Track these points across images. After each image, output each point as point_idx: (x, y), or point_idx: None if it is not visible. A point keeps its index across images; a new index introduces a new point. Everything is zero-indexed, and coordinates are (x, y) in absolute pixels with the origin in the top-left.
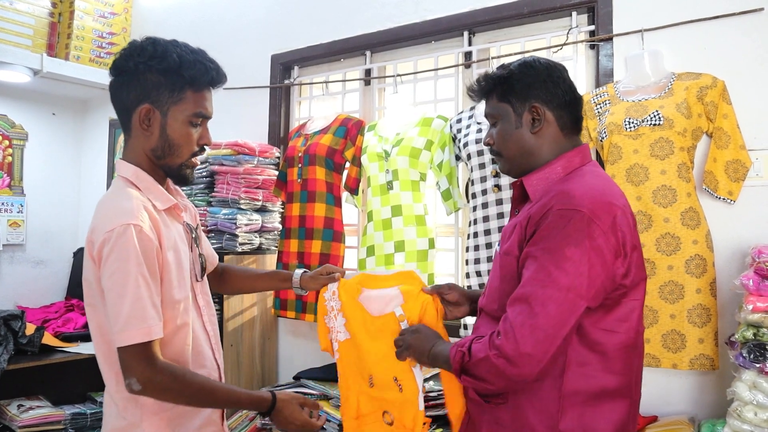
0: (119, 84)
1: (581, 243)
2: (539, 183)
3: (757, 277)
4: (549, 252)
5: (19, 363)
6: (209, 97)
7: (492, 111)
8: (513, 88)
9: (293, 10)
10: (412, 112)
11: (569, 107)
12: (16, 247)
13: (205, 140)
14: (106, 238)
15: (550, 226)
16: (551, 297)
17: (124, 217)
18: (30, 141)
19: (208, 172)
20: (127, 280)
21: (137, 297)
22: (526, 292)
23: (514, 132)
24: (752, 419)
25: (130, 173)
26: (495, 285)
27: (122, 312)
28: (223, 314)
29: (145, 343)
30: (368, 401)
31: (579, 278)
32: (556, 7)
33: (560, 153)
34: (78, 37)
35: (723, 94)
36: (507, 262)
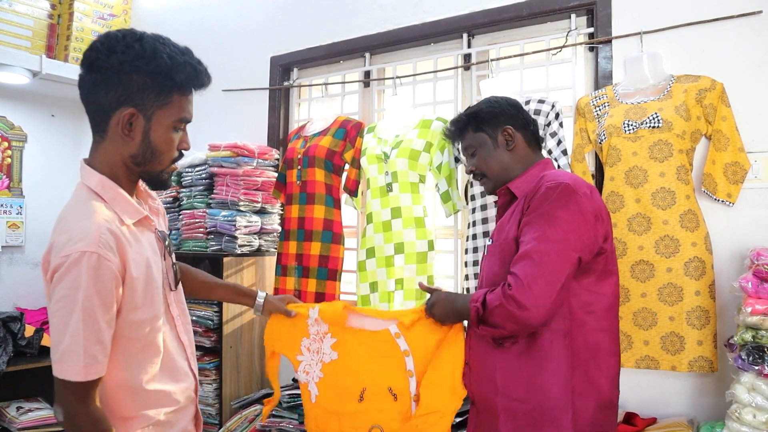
0: (96, 81)
1: (569, 206)
2: (523, 184)
3: (756, 279)
4: (542, 216)
5: (18, 365)
6: (192, 101)
7: (470, 142)
8: (484, 118)
9: (293, 11)
10: (412, 113)
11: (530, 127)
12: (15, 248)
13: (185, 145)
14: (60, 262)
15: (541, 197)
16: (550, 250)
17: (82, 242)
18: (29, 142)
19: (207, 174)
20: (72, 312)
21: (76, 332)
22: (528, 249)
23: (493, 153)
24: (751, 421)
25: (95, 182)
26: (495, 270)
27: (61, 343)
28: (222, 316)
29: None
30: (353, 421)
31: (570, 234)
32: (555, 10)
33: (532, 164)
34: (77, 39)
35: (722, 97)
36: (507, 247)
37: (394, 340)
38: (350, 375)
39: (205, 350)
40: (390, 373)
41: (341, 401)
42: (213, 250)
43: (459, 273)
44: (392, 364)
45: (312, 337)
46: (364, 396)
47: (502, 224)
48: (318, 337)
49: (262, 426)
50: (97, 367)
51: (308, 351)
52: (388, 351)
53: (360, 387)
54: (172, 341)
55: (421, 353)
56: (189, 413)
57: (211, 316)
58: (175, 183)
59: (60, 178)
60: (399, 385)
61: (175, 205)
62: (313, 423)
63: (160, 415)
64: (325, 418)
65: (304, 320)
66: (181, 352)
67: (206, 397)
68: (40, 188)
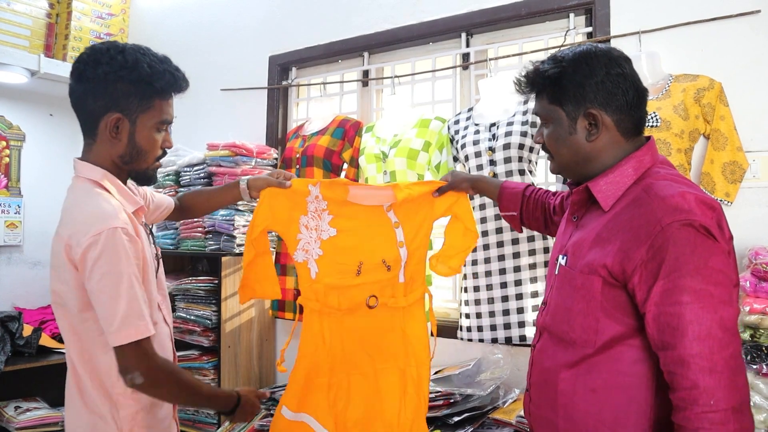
0: (85, 90)
1: (715, 249)
2: (609, 188)
3: (754, 278)
4: (697, 273)
5: (17, 364)
6: (172, 104)
7: (542, 112)
8: (566, 90)
9: (291, 11)
10: (410, 113)
11: (631, 109)
12: (13, 248)
13: (168, 144)
14: (92, 242)
15: (677, 247)
16: (729, 316)
17: (110, 220)
18: (27, 142)
19: (205, 173)
20: (120, 281)
21: (132, 297)
22: (702, 323)
23: (567, 138)
24: None
25: (98, 176)
26: (567, 305)
27: (117, 312)
28: (221, 316)
29: (143, 339)
30: (352, 293)
31: (730, 285)
32: (554, 9)
33: (623, 156)
34: (75, 38)
35: (720, 96)
36: (585, 281)
37: (385, 213)
38: (347, 250)
39: (203, 350)
40: (383, 245)
41: (341, 276)
42: (211, 249)
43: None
44: (385, 236)
45: (310, 214)
46: (362, 269)
47: (581, 242)
48: (316, 214)
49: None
50: (150, 324)
51: (306, 229)
52: (381, 224)
53: (357, 261)
54: (160, 324)
55: (408, 224)
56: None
57: (210, 316)
58: (173, 182)
59: (58, 178)
60: (392, 255)
61: None
62: (313, 297)
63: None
64: (325, 292)
65: (304, 197)
66: (167, 333)
67: None
68: (38, 187)
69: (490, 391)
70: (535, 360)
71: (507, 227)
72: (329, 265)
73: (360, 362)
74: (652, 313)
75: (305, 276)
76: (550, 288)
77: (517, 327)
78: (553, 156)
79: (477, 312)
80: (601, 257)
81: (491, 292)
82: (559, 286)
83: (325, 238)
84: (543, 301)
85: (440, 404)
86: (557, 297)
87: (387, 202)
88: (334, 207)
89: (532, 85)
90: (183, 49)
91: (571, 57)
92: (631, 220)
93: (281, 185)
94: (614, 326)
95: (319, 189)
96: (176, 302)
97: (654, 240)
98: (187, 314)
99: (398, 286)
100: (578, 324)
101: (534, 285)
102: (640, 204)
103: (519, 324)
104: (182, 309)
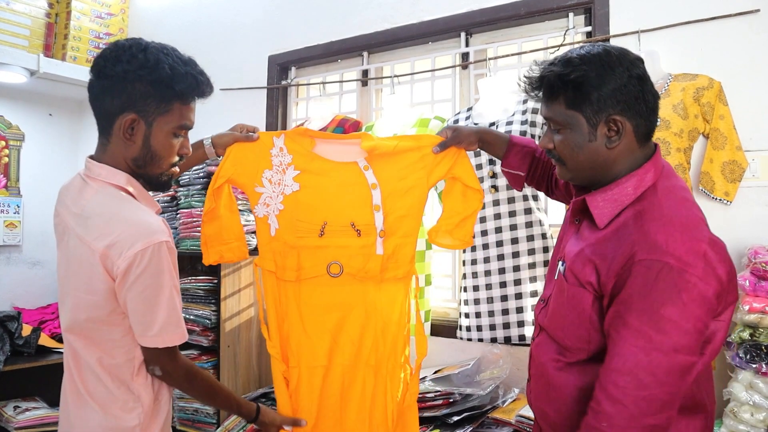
0: (103, 87)
1: (677, 299)
2: (606, 206)
3: (754, 277)
4: (643, 314)
5: (16, 364)
6: (194, 108)
7: (557, 117)
8: (588, 95)
9: (290, 10)
10: (409, 113)
11: (650, 114)
12: (12, 248)
13: (185, 150)
14: (137, 258)
15: (637, 282)
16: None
17: (156, 234)
18: (26, 142)
19: (205, 173)
20: (161, 292)
21: (172, 307)
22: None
23: (585, 145)
24: (748, 419)
25: (123, 181)
26: (562, 313)
27: (156, 320)
28: (220, 315)
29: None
30: (312, 255)
31: (684, 337)
32: (553, 8)
33: (633, 166)
34: (75, 38)
35: (719, 95)
36: (577, 293)
37: (362, 173)
38: (311, 208)
39: (202, 349)
40: (354, 208)
41: (301, 235)
42: None
43: (457, 272)
44: (357, 197)
45: (275, 168)
46: (325, 230)
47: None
48: (281, 169)
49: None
50: (185, 331)
51: (269, 183)
52: (354, 183)
53: (321, 221)
54: None
55: (389, 187)
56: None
57: (209, 315)
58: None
59: (58, 177)
60: (363, 220)
61: (173, 204)
62: (270, 257)
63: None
64: (284, 252)
65: (268, 150)
66: None
67: None
68: (37, 187)
69: (489, 391)
70: (534, 353)
71: (506, 227)
72: (289, 221)
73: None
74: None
75: (264, 232)
76: (551, 289)
77: (516, 326)
78: (565, 162)
79: (476, 311)
80: (586, 275)
81: (490, 291)
82: (558, 293)
83: (288, 193)
84: (542, 298)
85: (439, 404)
86: (555, 303)
87: (357, 156)
88: (301, 161)
89: (551, 88)
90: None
91: (590, 59)
92: (616, 247)
93: (248, 138)
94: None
95: (283, 141)
96: None
97: (622, 271)
98: (186, 314)
99: (374, 257)
100: (572, 333)
101: (533, 285)
102: (626, 232)
103: (518, 323)
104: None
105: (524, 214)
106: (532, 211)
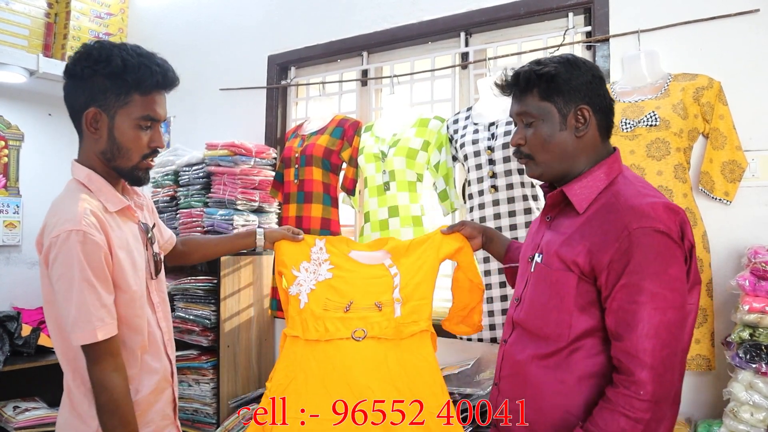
0: (70, 87)
1: (674, 260)
2: (583, 192)
3: (753, 277)
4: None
5: (15, 364)
6: (160, 100)
7: (530, 110)
8: (560, 86)
9: (290, 10)
10: (409, 112)
11: (609, 112)
12: (12, 248)
13: (157, 143)
14: (51, 242)
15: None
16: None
17: (69, 223)
18: (26, 142)
19: (204, 173)
20: (71, 285)
21: (81, 302)
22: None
23: (556, 134)
24: (748, 419)
25: (83, 176)
26: (542, 301)
27: (69, 315)
28: (220, 315)
29: (95, 343)
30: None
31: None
32: (553, 8)
33: (598, 159)
34: (74, 38)
35: (719, 95)
36: (561, 277)
37: (387, 269)
38: (340, 291)
39: (202, 349)
40: (378, 293)
41: (328, 308)
42: None
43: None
44: (382, 283)
45: (312, 261)
46: (351, 308)
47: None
48: (317, 263)
49: None
50: (107, 328)
51: (306, 271)
52: (381, 276)
53: (348, 300)
54: (153, 326)
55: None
56: (166, 396)
57: (209, 315)
58: (172, 182)
59: (57, 177)
60: (384, 300)
61: (173, 204)
62: (300, 326)
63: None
64: (312, 321)
65: (309, 247)
66: (160, 337)
67: (203, 397)
68: (37, 187)
69: (489, 391)
70: (507, 353)
71: (506, 227)
72: (319, 298)
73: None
74: (612, 307)
75: (295, 306)
76: (525, 285)
77: None
78: (534, 156)
79: None
80: (573, 255)
81: (490, 291)
82: (536, 283)
83: (321, 279)
84: (516, 297)
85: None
86: (532, 293)
87: (384, 259)
88: (336, 259)
89: (527, 82)
90: (182, 48)
91: (558, 59)
92: (602, 224)
93: (294, 239)
94: (586, 320)
95: (324, 243)
96: (175, 302)
97: (621, 243)
98: (186, 314)
99: (392, 320)
100: (552, 319)
101: None
102: (611, 210)
103: None
104: (181, 309)
105: (524, 214)
106: (532, 211)
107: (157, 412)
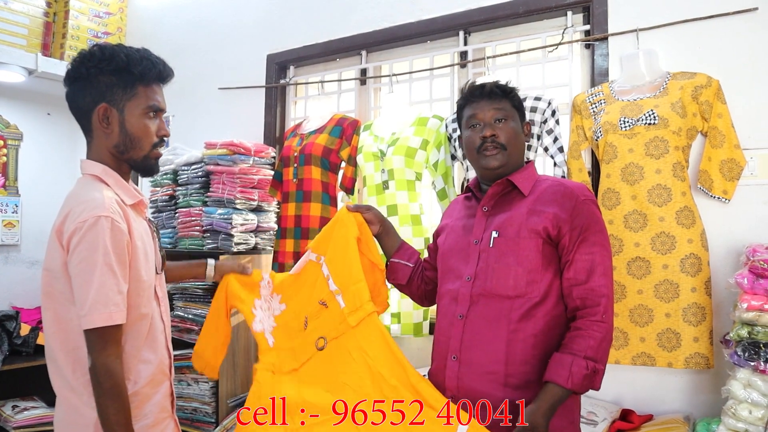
0: (75, 91)
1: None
2: (525, 180)
3: (752, 275)
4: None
5: (14, 364)
6: (159, 92)
7: (507, 110)
8: (519, 102)
9: (289, 9)
10: (408, 111)
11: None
12: (11, 247)
13: (163, 132)
14: (77, 227)
15: (589, 214)
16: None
17: (97, 209)
18: (25, 141)
19: (203, 172)
20: (94, 269)
21: (102, 284)
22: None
23: (520, 133)
24: (747, 417)
25: (99, 170)
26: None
27: (88, 298)
28: None
29: (106, 327)
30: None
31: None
32: (552, 7)
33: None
34: (73, 37)
35: (718, 94)
36: (529, 243)
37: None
38: (295, 315)
39: None
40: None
41: (292, 337)
42: (209, 248)
43: None
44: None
45: (263, 297)
46: (308, 322)
47: (513, 218)
48: (267, 298)
49: None
50: (120, 313)
51: (261, 309)
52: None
53: (303, 318)
54: (157, 318)
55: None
56: (164, 389)
57: None
58: (171, 181)
59: (56, 177)
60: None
61: (172, 203)
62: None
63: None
64: (283, 355)
65: (258, 281)
66: (162, 330)
67: (202, 396)
68: (36, 187)
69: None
70: (469, 325)
71: None
72: (283, 332)
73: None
74: (575, 259)
75: (263, 344)
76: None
77: None
78: (507, 147)
79: None
80: (539, 222)
81: None
82: (498, 256)
83: (277, 313)
84: (468, 275)
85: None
86: (496, 264)
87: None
88: (279, 287)
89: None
90: (181, 48)
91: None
92: (555, 199)
93: (243, 273)
94: (549, 276)
95: (269, 275)
96: (174, 301)
97: (574, 209)
98: (185, 313)
99: (340, 313)
100: (524, 280)
101: None
102: (557, 189)
103: None
104: (180, 308)
105: None
106: None
107: (155, 404)
